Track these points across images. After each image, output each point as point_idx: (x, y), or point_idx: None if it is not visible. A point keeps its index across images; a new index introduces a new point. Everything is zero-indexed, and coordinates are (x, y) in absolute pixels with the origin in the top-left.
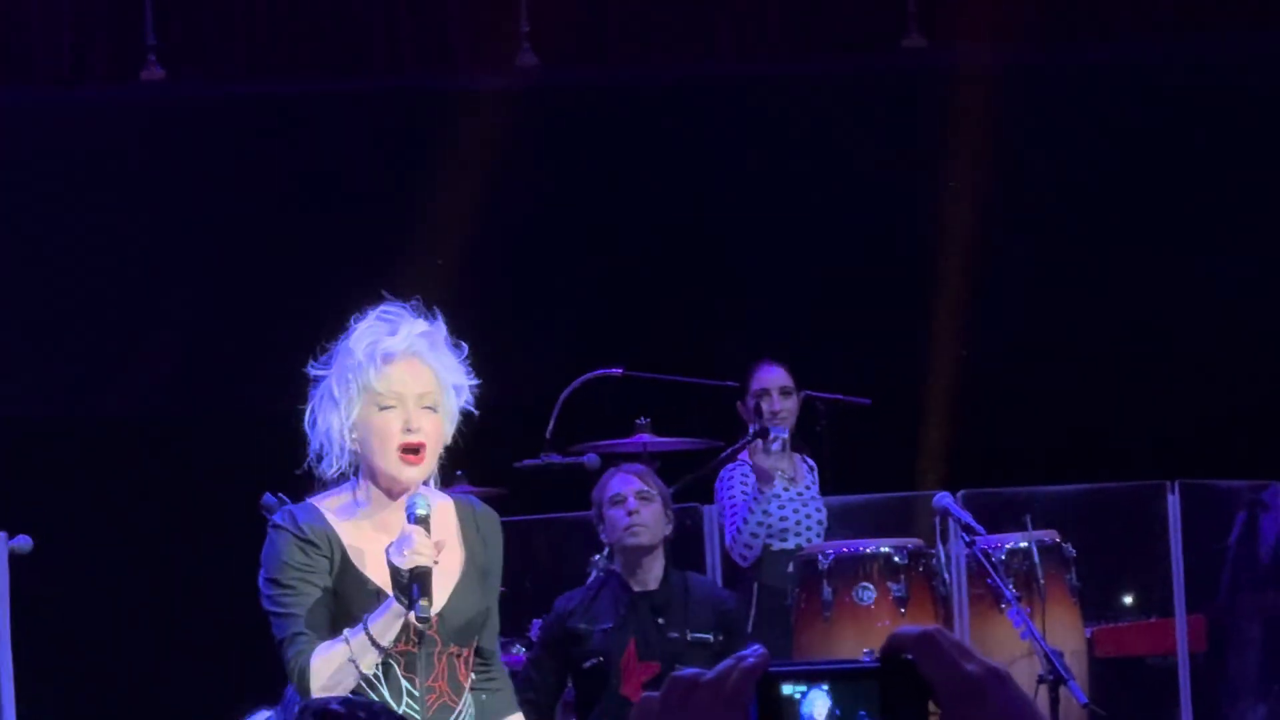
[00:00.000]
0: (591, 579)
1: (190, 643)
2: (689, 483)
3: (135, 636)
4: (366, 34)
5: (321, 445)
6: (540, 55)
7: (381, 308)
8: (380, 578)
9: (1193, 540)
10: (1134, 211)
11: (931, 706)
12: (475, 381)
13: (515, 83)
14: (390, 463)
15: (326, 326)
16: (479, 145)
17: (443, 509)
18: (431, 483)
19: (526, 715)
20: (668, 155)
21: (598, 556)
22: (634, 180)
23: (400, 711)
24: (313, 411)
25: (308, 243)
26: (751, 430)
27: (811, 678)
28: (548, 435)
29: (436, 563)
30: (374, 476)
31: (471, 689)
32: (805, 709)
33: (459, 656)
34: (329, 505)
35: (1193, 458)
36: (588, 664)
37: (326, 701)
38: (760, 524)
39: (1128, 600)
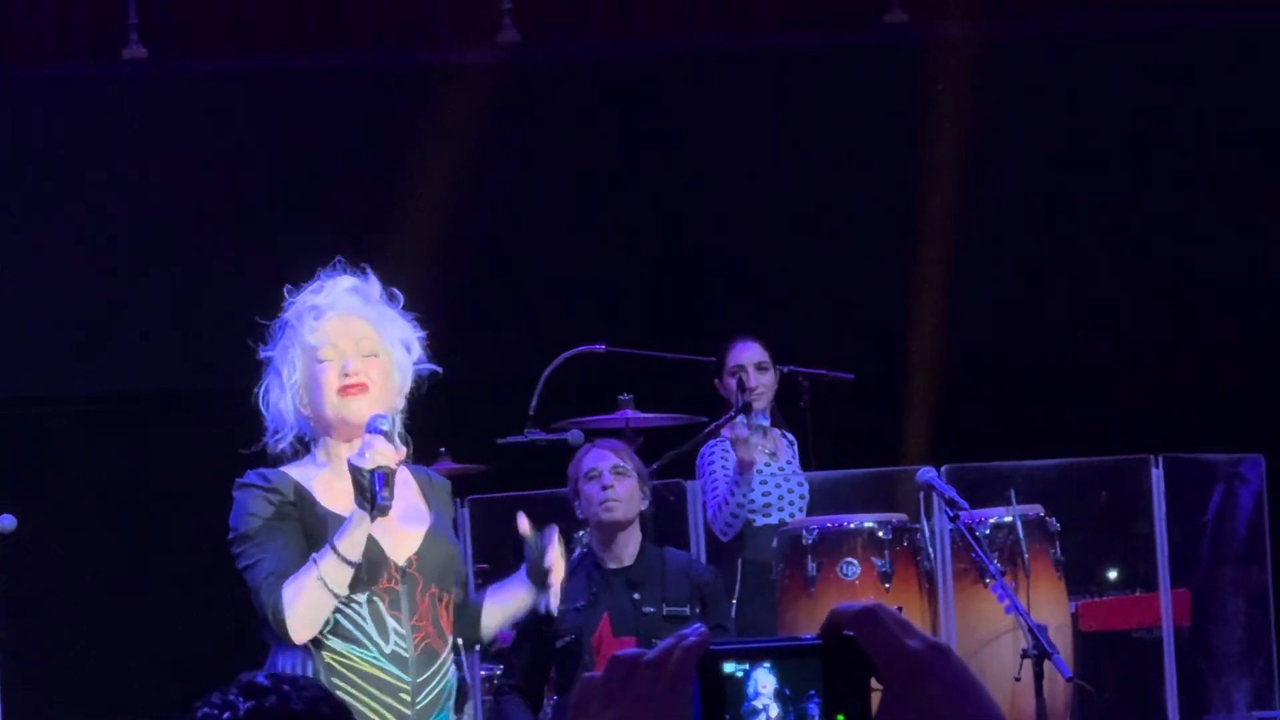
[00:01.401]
0: (573, 557)
1: (172, 619)
2: (672, 458)
3: (117, 613)
4: (349, 10)
5: (277, 422)
6: (522, 31)
7: (315, 280)
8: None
9: (1177, 514)
10: (1116, 185)
11: (874, 683)
12: (422, 334)
13: (497, 58)
14: (333, 405)
15: None
16: (461, 121)
17: (403, 473)
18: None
19: (511, 699)
20: (650, 130)
21: (581, 533)
22: (616, 156)
23: (389, 649)
24: (265, 390)
25: (290, 220)
26: (736, 405)
27: (753, 656)
28: (531, 412)
29: (396, 465)
30: (327, 430)
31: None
32: (750, 687)
33: (440, 601)
34: (295, 469)
35: (1176, 431)
36: (560, 642)
37: (254, 675)
38: (741, 503)
39: (1112, 574)
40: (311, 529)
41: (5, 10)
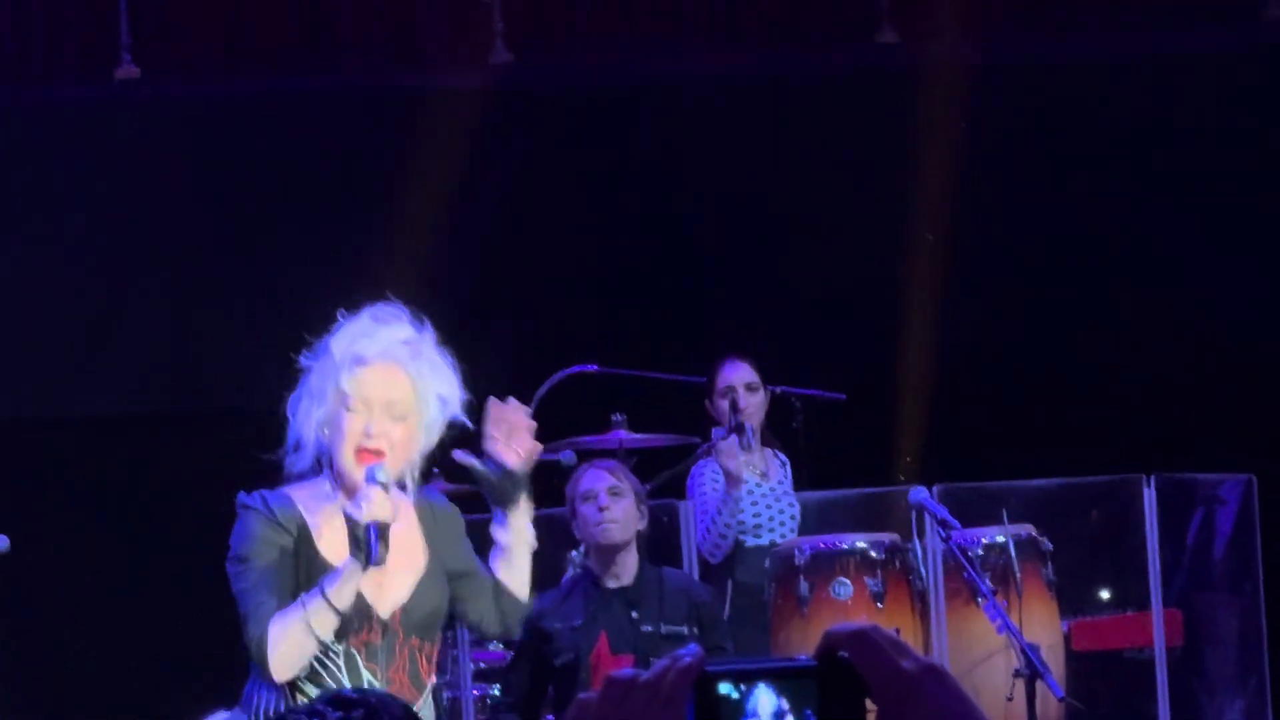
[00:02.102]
0: (566, 577)
1: (166, 639)
2: (665, 479)
3: (111, 634)
4: (340, 31)
5: (298, 436)
6: (514, 53)
7: (375, 306)
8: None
9: (1169, 534)
10: (1107, 206)
11: (869, 704)
12: (465, 396)
13: (488, 80)
14: (347, 463)
15: (300, 325)
16: (452, 143)
17: (404, 510)
18: (401, 486)
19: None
20: (641, 151)
21: (574, 553)
22: (607, 177)
23: None
24: (295, 400)
25: (281, 241)
26: (723, 432)
27: (748, 677)
28: None
29: (394, 519)
30: (338, 474)
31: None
32: (749, 705)
33: (420, 650)
34: (298, 494)
35: (1169, 451)
36: (558, 661)
37: (341, 688)
38: (729, 524)
39: (1104, 594)
40: (307, 565)
41: None
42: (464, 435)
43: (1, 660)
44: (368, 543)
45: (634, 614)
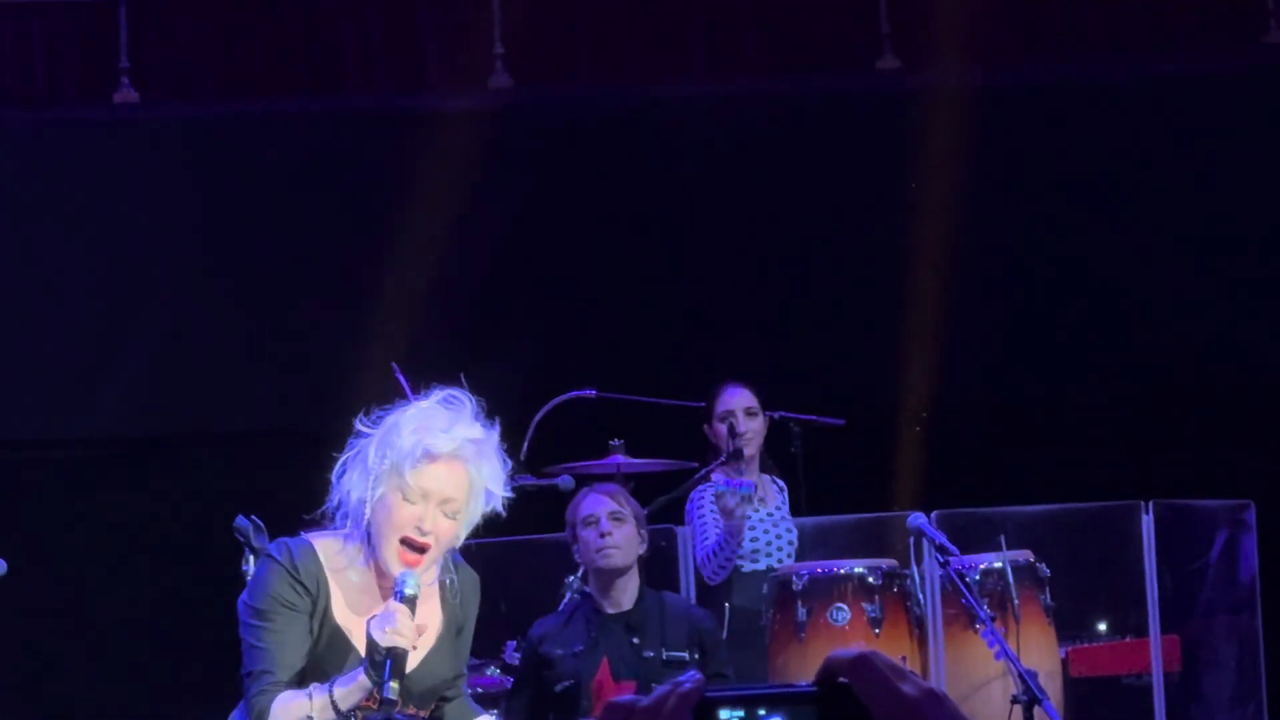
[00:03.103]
0: (565, 602)
1: (163, 663)
2: (663, 504)
3: (108, 657)
4: (339, 55)
5: (342, 503)
6: (513, 76)
7: (447, 394)
8: (357, 639)
9: (1167, 560)
10: (1108, 231)
11: None
12: (510, 495)
13: (488, 103)
14: (389, 552)
15: (300, 347)
16: (452, 166)
17: (430, 579)
18: None
19: None
20: (641, 176)
21: (572, 578)
22: (607, 201)
23: None
24: (344, 464)
25: (281, 264)
26: (726, 451)
27: (749, 703)
28: (522, 457)
29: (414, 648)
30: (375, 551)
31: None
32: None
33: (416, 716)
34: (326, 548)
35: (1167, 478)
36: (559, 687)
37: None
38: (730, 556)
39: (1102, 620)
40: (320, 629)
41: None
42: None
43: (1, 684)
44: (382, 672)
45: (635, 640)
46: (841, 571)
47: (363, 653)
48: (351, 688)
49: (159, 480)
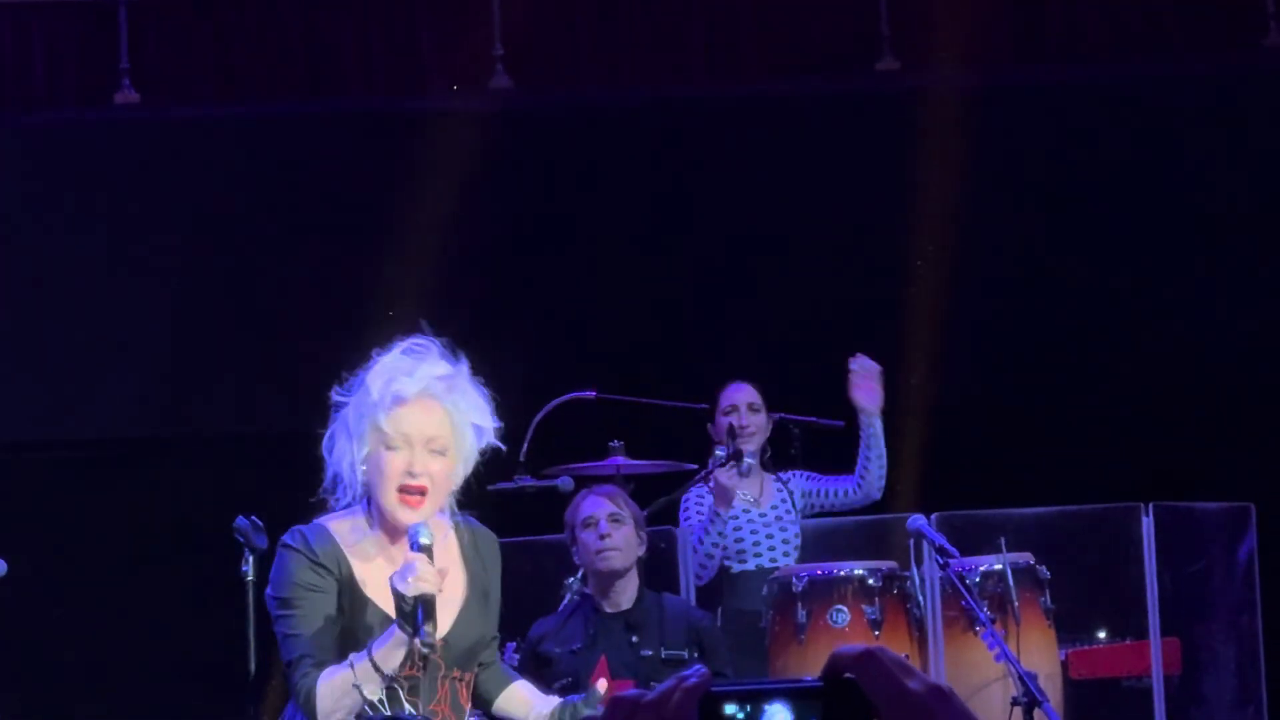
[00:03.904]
0: (565, 603)
1: (165, 664)
2: (662, 504)
3: (110, 658)
4: (339, 56)
5: (337, 474)
6: (513, 77)
7: (409, 341)
8: (385, 603)
9: (1167, 563)
10: (1108, 233)
11: None
12: (498, 424)
13: (488, 105)
14: (390, 502)
15: (299, 349)
16: (452, 167)
17: (445, 534)
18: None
19: None
20: (641, 177)
21: (571, 579)
22: (607, 202)
23: None
24: (331, 438)
25: (280, 265)
26: (723, 452)
27: (755, 697)
28: (521, 458)
29: (440, 590)
30: (380, 514)
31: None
32: None
33: (461, 680)
34: (338, 528)
35: (1167, 480)
36: (557, 685)
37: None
38: (716, 544)
39: (1102, 622)
40: (351, 606)
41: None
42: (497, 457)
43: (1, 685)
44: (415, 619)
45: (634, 638)
46: (841, 573)
47: (393, 615)
48: (389, 645)
49: (159, 481)
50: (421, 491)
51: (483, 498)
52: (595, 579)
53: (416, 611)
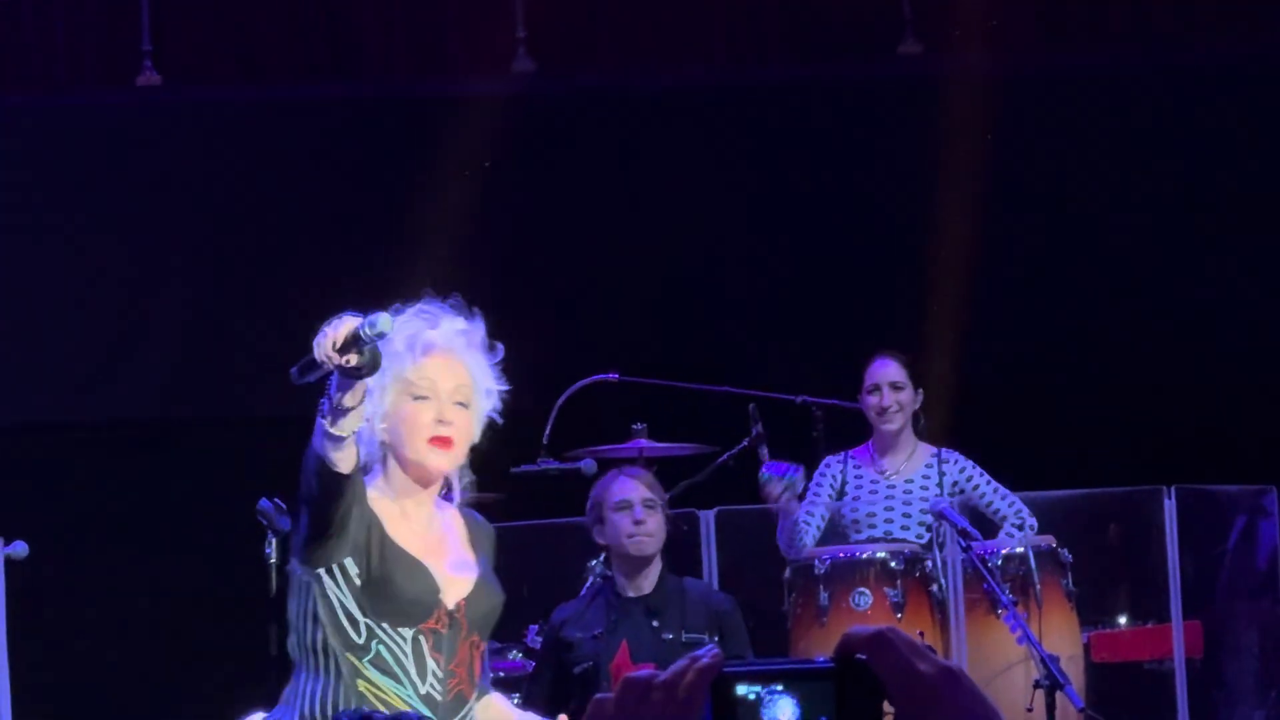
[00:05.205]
0: (587, 586)
1: (187, 646)
2: (685, 488)
3: (131, 641)
4: (362, 39)
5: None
6: (536, 60)
7: (420, 304)
8: (417, 551)
9: (1189, 545)
10: (1130, 218)
11: (886, 707)
12: (505, 387)
13: (511, 88)
14: (419, 451)
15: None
16: (474, 150)
17: (455, 515)
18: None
19: None
20: (664, 161)
21: (594, 562)
22: (630, 185)
23: (424, 690)
24: None
25: (302, 248)
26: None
27: (767, 678)
28: (544, 441)
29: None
30: (403, 466)
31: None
32: (768, 712)
33: (476, 649)
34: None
35: (1189, 463)
36: (578, 669)
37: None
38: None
39: (1124, 606)
40: (383, 558)
41: (18, 38)
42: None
43: (20, 667)
44: (357, 339)
45: (655, 622)
46: (864, 556)
47: (421, 558)
48: (346, 389)
49: (182, 463)
50: (450, 441)
51: (506, 480)
52: (623, 562)
53: (356, 335)
